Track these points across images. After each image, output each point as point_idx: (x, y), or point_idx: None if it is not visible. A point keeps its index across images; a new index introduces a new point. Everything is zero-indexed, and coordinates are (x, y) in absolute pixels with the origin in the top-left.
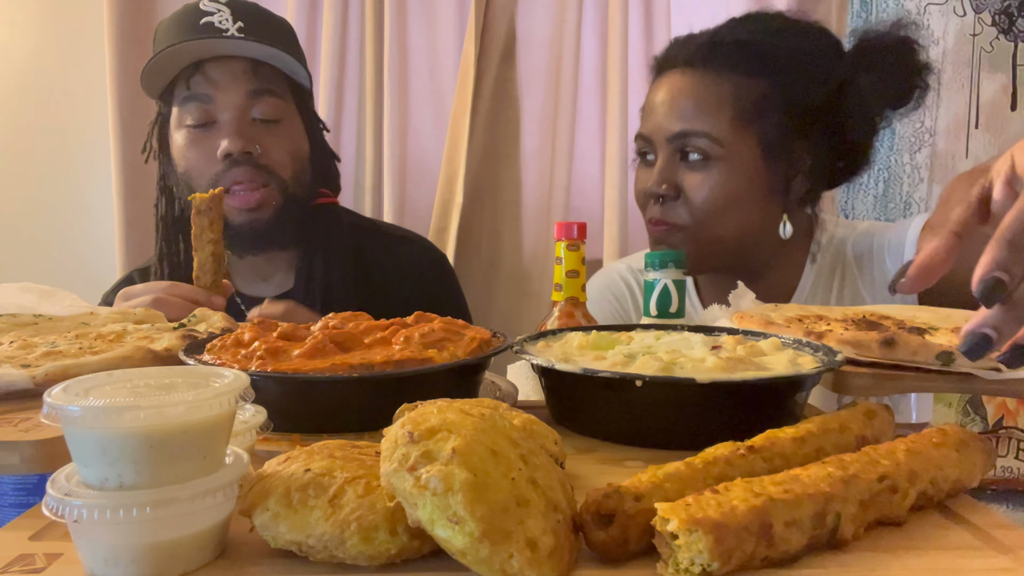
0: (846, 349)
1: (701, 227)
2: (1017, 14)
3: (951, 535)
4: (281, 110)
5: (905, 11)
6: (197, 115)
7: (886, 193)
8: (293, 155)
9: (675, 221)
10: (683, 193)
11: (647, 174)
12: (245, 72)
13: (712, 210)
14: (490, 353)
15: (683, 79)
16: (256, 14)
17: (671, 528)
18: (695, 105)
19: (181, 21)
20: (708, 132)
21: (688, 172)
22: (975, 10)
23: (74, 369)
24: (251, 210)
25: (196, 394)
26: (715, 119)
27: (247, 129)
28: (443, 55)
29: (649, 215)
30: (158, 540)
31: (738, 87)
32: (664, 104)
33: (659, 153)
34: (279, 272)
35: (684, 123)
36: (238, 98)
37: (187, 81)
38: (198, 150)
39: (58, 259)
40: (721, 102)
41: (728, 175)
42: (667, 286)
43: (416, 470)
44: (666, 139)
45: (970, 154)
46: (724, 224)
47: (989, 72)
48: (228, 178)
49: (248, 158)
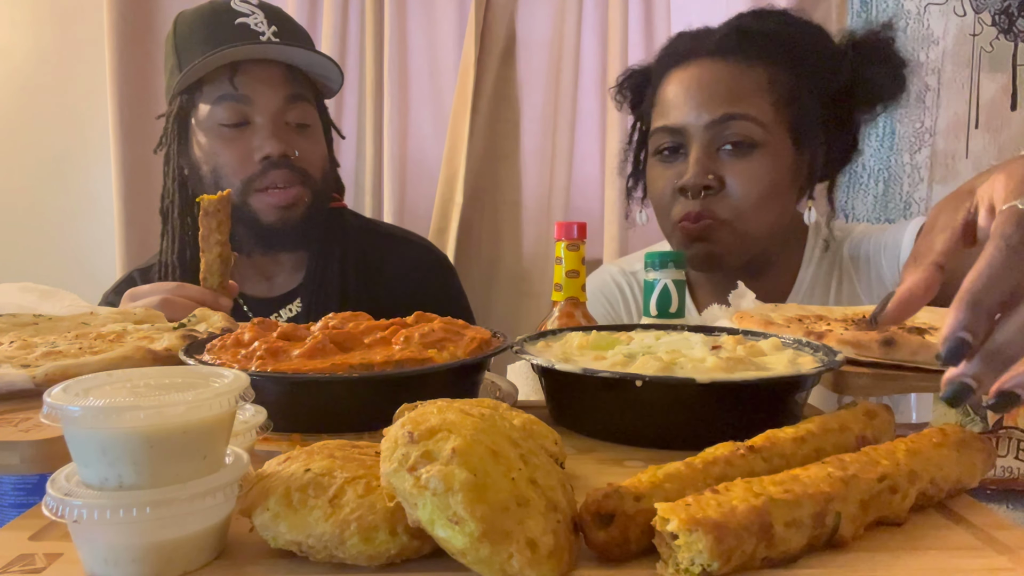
0: (846, 349)
1: (742, 219)
2: (1017, 14)
3: (951, 535)
4: (311, 116)
5: (905, 11)
6: (232, 115)
7: (886, 193)
8: (322, 158)
9: (720, 214)
10: (725, 185)
11: (672, 170)
12: (282, 76)
13: (757, 201)
14: (490, 353)
15: (713, 68)
16: (285, 19)
17: (671, 528)
18: (734, 91)
19: (213, 19)
20: (754, 116)
21: (730, 161)
22: (975, 10)
23: (74, 369)
24: (285, 208)
25: (196, 394)
26: (757, 104)
27: (283, 132)
28: (443, 55)
29: (683, 211)
30: (158, 540)
31: (771, 75)
32: (697, 92)
33: (693, 144)
34: (283, 272)
35: (728, 107)
36: (276, 102)
37: (230, 80)
38: (231, 150)
39: (58, 259)
40: (759, 88)
41: (772, 162)
42: (667, 286)
43: (416, 470)
44: (704, 127)
45: (970, 154)
46: (765, 215)
47: (989, 72)
48: (266, 180)
49: (286, 161)
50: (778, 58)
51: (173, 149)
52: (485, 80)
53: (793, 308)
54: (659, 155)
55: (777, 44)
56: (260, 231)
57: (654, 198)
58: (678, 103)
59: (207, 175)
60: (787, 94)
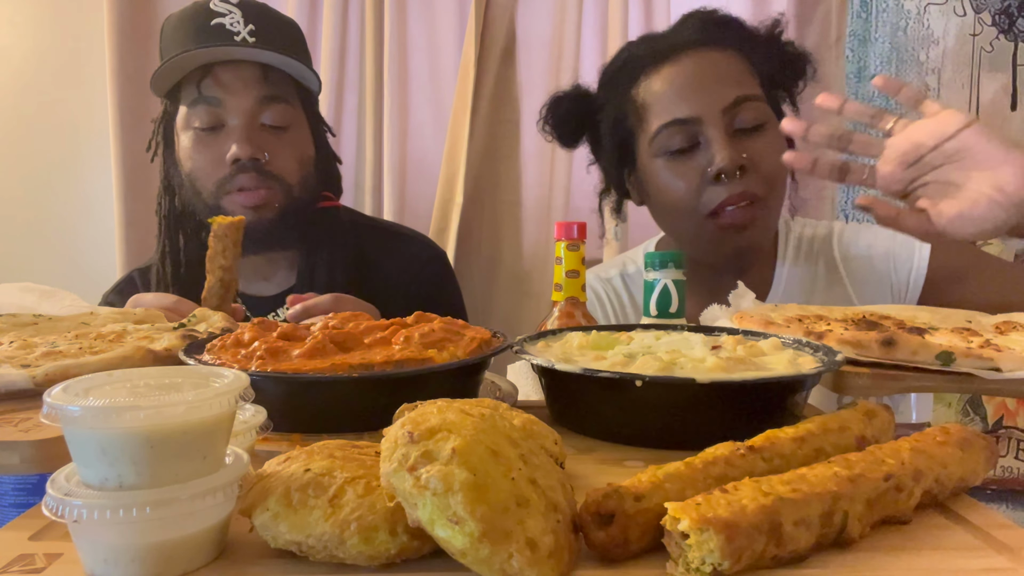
0: (846, 349)
1: (775, 195)
2: (1017, 14)
3: (951, 535)
4: (290, 116)
5: (905, 11)
6: (206, 118)
7: (886, 193)
8: (300, 161)
9: (758, 192)
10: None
11: (690, 163)
12: (256, 77)
13: (781, 176)
14: (490, 353)
15: (705, 57)
16: (266, 16)
17: (682, 528)
18: (734, 76)
19: (191, 21)
20: (760, 96)
21: (751, 141)
22: (975, 10)
23: (74, 369)
24: (254, 208)
25: (196, 394)
26: (753, 85)
27: (256, 135)
28: (443, 55)
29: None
30: (158, 540)
31: (747, 59)
32: (702, 81)
33: (711, 131)
34: (280, 271)
35: (737, 90)
36: (248, 103)
37: (197, 84)
38: (205, 153)
39: (58, 259)
40: (748, 71)
41: (780, 138)
42: (667, 286)
43: (416, 470)
44: (721, 111)
45: None
46: (783, 191)
47: (989, 72)
48: (235, 183)
49: (256, 164)
50: (744, 44)
51: (160, 153)
52: (485, 80)
53: (793, 308)
54: (668, 155)
55: (739, 32)
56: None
57: (670, 199)
58: (683, 95)
59: (186, 178)
60: (761, 76)
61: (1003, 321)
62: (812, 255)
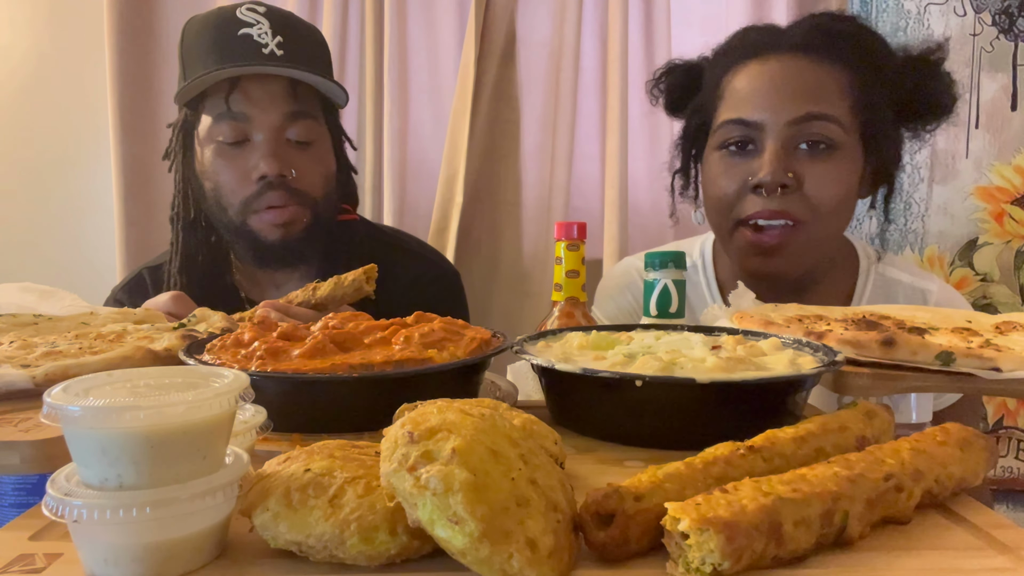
0: (846, 349)
1: (820, 222)
2: (1017, 14)
3: (951, 535)
4: (315, 132)
5: (905, 11)
6: (231, 132)
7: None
8: (324, 176)
9: (797, 214)
10: (802, 185)
11: (741, 166)
12: (284, 93)
13: (835, 204)
14: (490, 353)
15: (795, 63)
16: (293, 27)
17: (682, 528)
18: (816, 90)
19: (217, 30)
20: (836, 117)
21: (810, 161)
22: (975, 10)
23: (74, 369)
24: (283, 225)
25: (196, 394)
26: (838, 105)
27: (282, 151)
28: (443, 55)
29: (754, 209)
30: (158, 540)
31: (850, 77)
32: (778, 87)
33: (768, 140)
34: (292, 281)
35: (811, 106)
36: (275, 119)
37: (226, 97)
38: (231, 168)
39: (58, 259)
40: (840, 89)
41: (849, 166)
42: (667, 286)
43: (416, 470)
44: (786, 123)
45: (970, 154)
46: (839, 220)
47: (989, 72)
48: (262, 201)
49: (283, 181)
50: (856, 62)
51: (178, 161)
52: (485, 80)
53: (793, 308)
54: (725, 149)
55: (855, 47)
56: (262, 250)
57: (714, 194)
58: (755, 97)
59: (209, 192)
60: (863, 99)
61: (1003, 321)
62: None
